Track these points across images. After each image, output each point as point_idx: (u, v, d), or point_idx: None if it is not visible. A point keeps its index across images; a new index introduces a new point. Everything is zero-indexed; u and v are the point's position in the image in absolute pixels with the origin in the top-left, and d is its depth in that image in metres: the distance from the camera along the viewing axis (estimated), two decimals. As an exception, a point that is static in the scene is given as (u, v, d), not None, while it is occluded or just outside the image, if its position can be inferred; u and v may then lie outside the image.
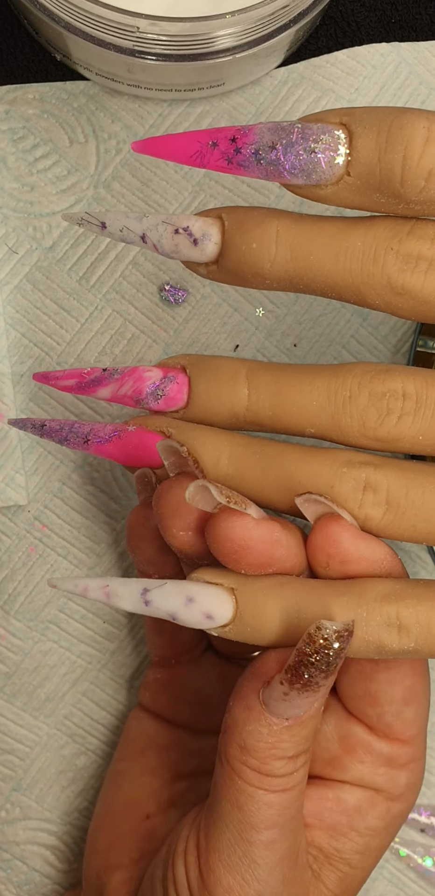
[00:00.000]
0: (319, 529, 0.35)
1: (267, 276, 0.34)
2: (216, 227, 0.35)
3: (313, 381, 0.35)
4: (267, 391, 0.36)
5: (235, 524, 0.35)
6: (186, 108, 0.44)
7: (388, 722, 0.38)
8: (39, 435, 0.38)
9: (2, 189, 0.44)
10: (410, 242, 0.33)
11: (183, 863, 0.37)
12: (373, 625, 0.34)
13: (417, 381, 0.34)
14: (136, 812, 0.42)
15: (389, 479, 0.34)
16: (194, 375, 0.37)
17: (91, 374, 0.38)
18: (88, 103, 0.44)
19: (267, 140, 0.33)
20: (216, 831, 0.36)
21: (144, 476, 0.38)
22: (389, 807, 0.39)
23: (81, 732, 0.46)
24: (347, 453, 0.35)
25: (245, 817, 0.35)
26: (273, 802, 0.35)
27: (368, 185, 0.33)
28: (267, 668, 0.35)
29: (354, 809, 0.38)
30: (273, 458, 0.36)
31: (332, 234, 0.34)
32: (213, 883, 0.36)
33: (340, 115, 0.33)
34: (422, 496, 0.34)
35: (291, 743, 0.35)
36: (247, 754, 0.35)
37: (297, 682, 0.33)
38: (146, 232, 0.35)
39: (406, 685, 0.38)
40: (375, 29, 0.45)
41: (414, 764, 0.39)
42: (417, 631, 0.34)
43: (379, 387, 0.34)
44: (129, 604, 0.35)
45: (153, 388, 0.37)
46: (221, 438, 0.36)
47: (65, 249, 0.44)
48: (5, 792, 0.46)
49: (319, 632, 0.32)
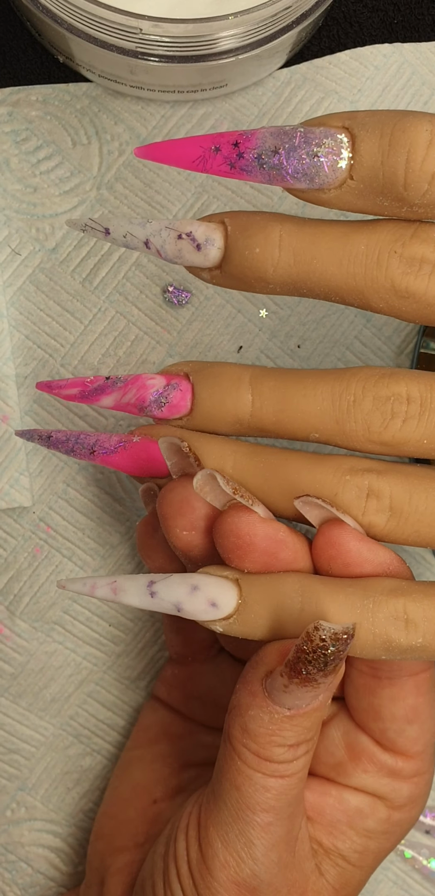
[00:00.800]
0: (322, 533, 0.35)
1: (270, 281, 0.34)
2: (219, 232, 0.35)
3: (317, 386, 0.35)
4: (271, 397, 0.36)
5: (241, 519, 0.35)
6: (189, 110, 0.44)
7: (390, 737, 0.38)
8: (46, 446, 0.38)
9: (5, 191, 0.44)
10: (413, 246, 0.33)
11: (184, 837, 0.37)
12: (380, 617, 0.34)
13: (422, 385, 0.34)
14: (143, 797, 0.43)
15: (392, 485, 0.35)
16: (197, 382, 0.37)
17: (94, 382, 0.38)
18: (91, 105, 0.44)
19: (269, 144, 0.33)
20: (216, 807, 0.36)
21: (150, 490, 0.39)
22: (390, 814, 0.39)
23: (87, 733, 0.46)
24: (350, 460, 0.35)
25: (242, 798, 0.36)
26: (270, 787, 0.35)
27: (371, 188, 0.33)
28: (269, 659, 0.35)
29: (354, 811, 0.39)
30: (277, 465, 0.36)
31: (335, 238, 0.34)
32: (211, 856, 0.36)
33: (342, 119, 0.33)
34: (425, 501, 0.34)
35: (292, 732, 0.35)
36: (248, 737, 0.35)
37: (295, 677, 0.33)
38: (149, 237, 0.35)
39: (409, 704, 0.38)
40: (378, 30, 0.45)
41: (419, 778, 0.39)
42: (426, 626, 0.34)
43: (383, 391, 0.34)
44: (136, 598, 0.35)
45: (156, 396, 0.37)
46: (224, 447, 0.36)
47: (68, 251, 0.44)
48: (11, 791, 0.46)
49: (317, 632, 0.32)
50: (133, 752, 0.44)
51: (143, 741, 0.44)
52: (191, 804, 0.38)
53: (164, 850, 0.38)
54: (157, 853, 0.39)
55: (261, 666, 0.35)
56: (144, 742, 0.44)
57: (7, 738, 0.46)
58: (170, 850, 0.38)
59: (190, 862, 0.37)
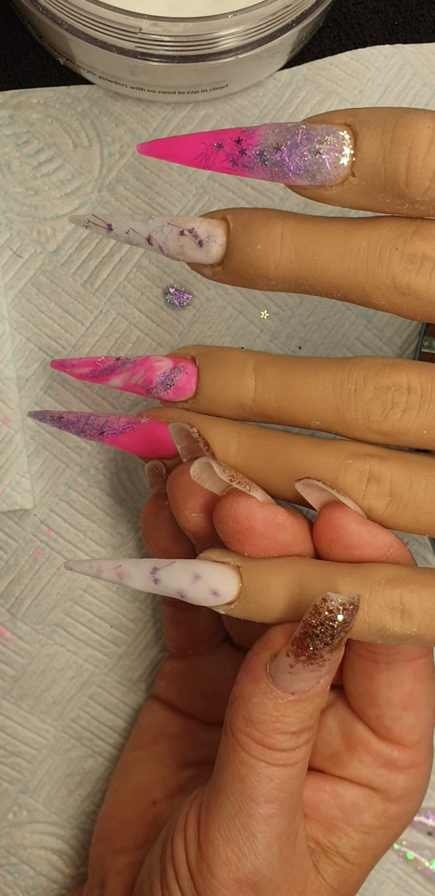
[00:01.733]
0: (323, 516, 0.36)
1: (272, 278, 0.35)
2: (221, 228, 0.35)
3: (319, 374, 0.35)
4: (273, 383, 0.36)
5: (239, 504, 0.36)
6: (190, 111, 0.44)
7: (386, 725, 0.39)
8: (58, 426, 0.40)
9: (6, 193, 0.44)
10: (414, 242, 0.33)
11: (182, 838, 0.38)
12: (375, 607, 0.34)
13: (423, 376, 0.35)
14: (142, 798, 0.43)
15: (393, 471, 0.35)
16: (203, 366, 0.38)
17: (105, 363, 0.39)
18: (92, 107, 0.44)
19: (272, 141, 0.33)
20: (217, 802, 0.37)
21: (155, 468, 0.40)
22: (386, 807, 0.39)
23: (89, 735, 0.46)
24: (352, 445, 0.36)
25: (246, 789, 0.36)
26: (274, 776, 0.36)
27: (373, 185, 0.33)
28: (274, 642, 0.36)
29: (350, 805, 0.39)
30: (279, 448, 0.36)
31: (336, 235, 0.34)
32: (211, 853, 0.36)
33: (344, 116, 0.33)
34: (425, 488, 0.35)
35: (295, 718, 0.35)
36: (251, 726, 0.35)
37: (302, 654, 0.34)
38: (152, 234, 0.35)
39: (405, 690, 0.38)
40: (379, 31, 0.45)
41: (415, 769, 0.39)
42: (421, 616, 0.34)
43: (384, 380, 0.35)
44: (140, 582, 0.36)
45: (163, 378, 0.38)
46: (229, 430, 0.37)
47: (69, 253, 0.44)
48: (13, 794, 0.46)
49: (325, 603, 0.33)
50: (132, 754, 0.45)
51: (142, 742, 0.45)
52: (188, 804, 0.38)
53: (161, 852, 0.38)
54: (155, 854, 0.39)
55: (265, 651, 0.36)
56: (143, 743, 0.45)
57: (9, 740, 0.46)
58: (167, 851, 0.38)
59: (189, 862, 0.37)
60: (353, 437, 0.35)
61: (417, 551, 0.46)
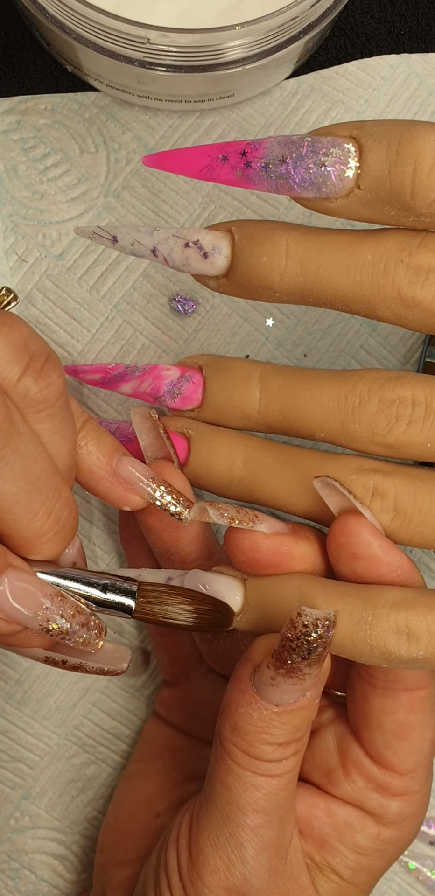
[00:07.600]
0: (339, 521, 0.36)
1: (277, 290, 0.35)
2: (226, 240, 0.35)
3: (324, 387, 0.36)
4: (278, 394, 0.37)
5: (245, 537, 0.36)
6: (196, 120, 0.44)
7: (378, 749, 0.38)
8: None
9: (12, 197, 0.44)
10: (420, 255, 0.33)
11: (175, 847, 0.38)
12: (378, 630, 0.34)
13: (427, 389, 0.35)
14: (146, 810, 0.43)
15: (398, 486, 0.35)
16: (210, 376, 0.38)
17: (115, 370, 0.40)
18: (99, 114, 0.44)
19: (277, 154, 0.33)
20: (207, 811, 0.37)
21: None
22: (380, 830, 0.39)
23: (92, 742, 0.46)
24: (358, 460, 0.36)
25: (232, 798, 0.36)
26: (259, 785, 0.36)
27: (378, 198, 0.33)
28: (257, 654, 0.36)
29: (343, 824, 0.39)
30: (286, 461, 0.37)
31: (342, 247, 0.34)
32: (202, 862, 0.36)
33: (349, 129, 0.33)
34: (429, 503, 0.35)
35: (280, 729, 0.35)
36: (237, 735, 0.36)
37: (281, 668, 0.34)
38: (157, 245, 0.35)
39: (399, 718, 0.37)
40: (385, 40, 0.45)
41: (410, 796, 0.39)
42: (428, 639, 0.34)
43: (389, 394, 0.35)
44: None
45: (170, 387, 0.38)
46: (236, 442, 0.37)
47: (75, 258, 0.44)
48: (15, 800, 0.46)
49: (300, 618, 0.33)
50: (137, 766, 0.45)
51: (147, 755, 0.45)
52: (181, 814, 0.38)
53: (156, 862, 0.39)
54: (150, 865, 0.39)
55: (249, 662, 0.36)
56: (148, 756, 0.45)
57: (11, 745, 0.46)
58: (161, 860, 0.38)
59: (180, 870, 0.37)
60: (357, 449, 0.35)
61: (421, 560, 0.46)
